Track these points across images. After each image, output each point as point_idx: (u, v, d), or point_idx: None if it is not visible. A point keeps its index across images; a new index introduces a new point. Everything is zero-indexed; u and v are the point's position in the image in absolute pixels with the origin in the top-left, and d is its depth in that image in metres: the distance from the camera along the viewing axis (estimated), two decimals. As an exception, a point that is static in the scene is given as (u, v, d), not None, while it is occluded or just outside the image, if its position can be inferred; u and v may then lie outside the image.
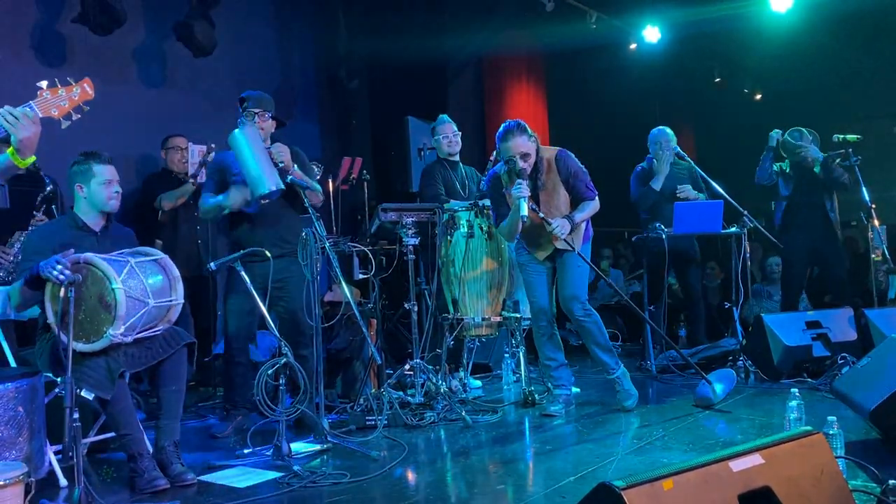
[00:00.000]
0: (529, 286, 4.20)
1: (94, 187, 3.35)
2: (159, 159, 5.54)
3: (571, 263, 4.10)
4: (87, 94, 2.84)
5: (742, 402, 4.35)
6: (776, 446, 1.73)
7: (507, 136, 3.98)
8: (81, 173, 3.37)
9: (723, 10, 7.46)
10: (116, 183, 3.40)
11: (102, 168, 3.37)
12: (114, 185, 3.39)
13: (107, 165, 3.39)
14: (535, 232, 4.11)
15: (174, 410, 3.26)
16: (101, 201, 3.37)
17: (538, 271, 4.18)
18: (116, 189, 3.39)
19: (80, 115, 2.85)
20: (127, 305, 3.01)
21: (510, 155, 3.96)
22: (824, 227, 5.56)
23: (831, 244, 5.58)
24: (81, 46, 5.36)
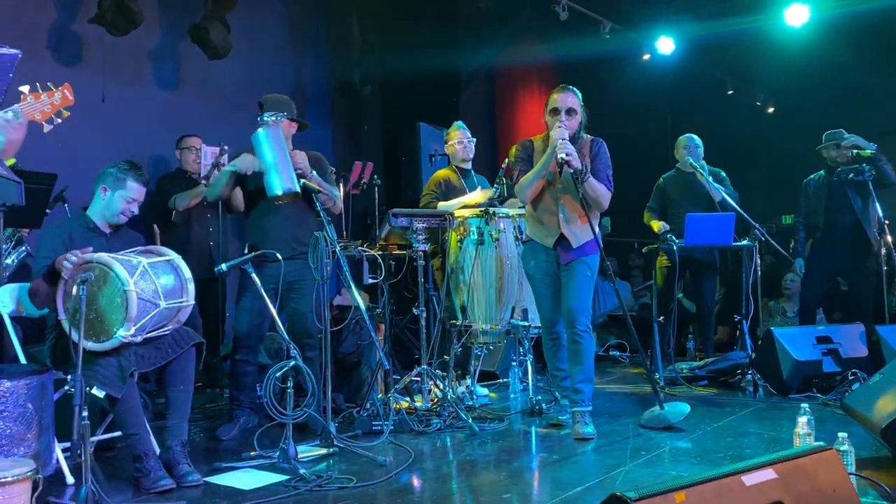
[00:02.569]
0: (537, 296, 4.13)
1: (116, 197, 3.40)
2: (173, 160, 5.57)
3: (579, 273, 3.97)
4: (67, 100, 2.91)
5: (750, 416, 4.33)
6: (789, 461, 1.71)
7: (560, 89, 4.02)
8: (114, 179, 3.40)
9: (737, 23, 7.46)
10: (137, 204, 3.46)
11: (135, 186, 3.43)
12: (133, 206, 3.44)
13: (141, 186, 3.45)
14: (544, 208, 4.02)
15: (182, 410, 3.26)
16: (113, 212, 3.41)
17: (545, 281, 4.08)
18: (134, 210, 3.45)
19: (61, 119, 2.91)
20: (138, 307, 3.02)
21: (556, 105, 3.95)
22: (853, 244, 5.52)
23: (859, 263, 5.55)
24: (97, 47, 5.40)
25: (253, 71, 6.38)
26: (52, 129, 3.02)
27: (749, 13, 7.36)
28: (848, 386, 4.50)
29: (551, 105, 3.98)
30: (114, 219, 3.42)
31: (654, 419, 4.02)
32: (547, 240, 3.99)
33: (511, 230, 4.55)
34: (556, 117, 3.91)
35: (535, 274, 4.10)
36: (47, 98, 2.84)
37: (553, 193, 3.97)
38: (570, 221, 3.93)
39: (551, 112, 3.96)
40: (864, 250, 5.51)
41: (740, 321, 5.41)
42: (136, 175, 3.42)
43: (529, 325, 4.52)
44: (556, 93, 4.01)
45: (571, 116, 3.93)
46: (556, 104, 3.95)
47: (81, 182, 4.74)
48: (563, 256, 3.96)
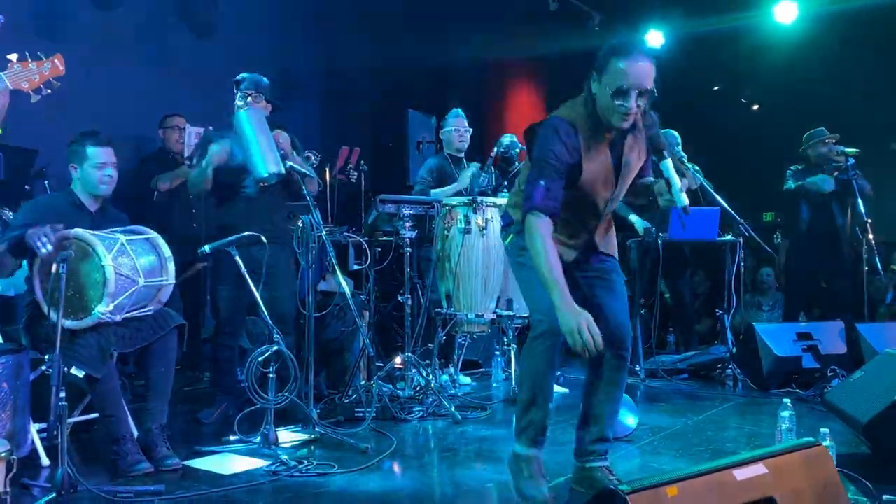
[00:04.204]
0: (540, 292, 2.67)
1: (86, 169, 3.30)
2: (156, 139, 5.48)
3: (619, 278, 2.89)
4: (57, 70, 2.81)
5: (731, 410, 4.36)
6: (780, 456, 1.72)
7: (634, 54, 2.44)
8: (75, 154, 3.32)
9: (727, 19, 7.47)
10: (111, 166, 3.32)
11: (96, 150, 3.30)
12: (106, 169, 3.30)
13: (101, 147, 3.31)
14: (577, 224, 2.75)
15: (162, 393, 3.22)
16: (92, 184, 3.31)
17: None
18: (109, 172, 3.31)
19: (51, 90, 2.81)
20: (116, 283, 2.97)
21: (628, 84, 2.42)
22: (835, 242, 5.56)
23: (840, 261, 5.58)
24: (82, 20, 5.28)
25: (240, 51, 6.28)
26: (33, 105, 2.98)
27: (739, 9, 7.38)
28: (827, 382, 4.54)
29: (617, 80, 2.43)
30: (97, 190, 3.32)
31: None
32: (566, 258, 2.73)
33: (498, 220, 4.53)
34: (625, 101, 2.44)
35: None
36: (36, 67, 2.75)
37: (597, 207, 2.70)
38: (604, 234, 2.86)
39: (617, 93, 2.43)
40: (846, 248, 5.56)
41: (721, 316, 5.45)
42: (92, 140, 3.31)
43: (514, 315, 4.50)
44: (621, 58, 2.43)
45: (644, 100, 2.47)
46: (629, 80, 2.42)
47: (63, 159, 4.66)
48: (594, 257, 2.84)
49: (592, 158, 2.58)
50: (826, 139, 5.57)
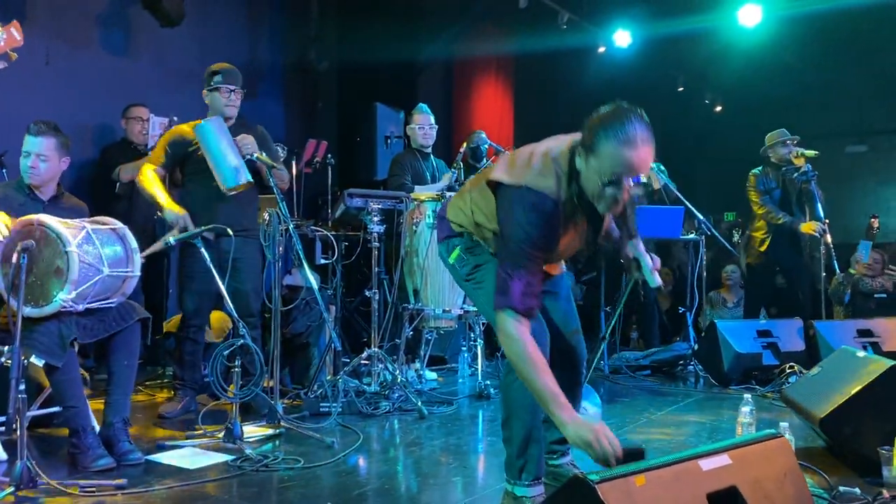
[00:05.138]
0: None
1: (21, 156, 3.25)
2: (118, 129, 5.38)
3: (566, 283, 2.83)
4: (14, 40, 2.66)
5: (693, 405, 4.43)
6: (743, 447, 1.76)
7: (638, 141, 2.16)
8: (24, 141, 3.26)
9: (693, 20, 7.58)
10: (35, 157, 3.24)
11: (27, 139, 3.25)
12: (30, 159, 3.24)
13: (34, 137, 3.24)
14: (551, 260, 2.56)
15: (125, 386, 3.16)
16: (22, 172, 3.27)
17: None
18: (29, 163, 3.24)
19: (8, 63, 2.66)
20: (80, 270, 2.91)
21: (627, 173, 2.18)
22: (790, 243, 5.67)
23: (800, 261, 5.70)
24: (43, 5, 5.16)
25: (206, 41, 6.20)
26: None
27: (704, 11, 7.49)
28: (785, 378, 4.65)
29: (613, 167, 2.16)
30: (25, 178, 3.27)
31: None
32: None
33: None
34: (619, 191, 2.18)
35: None
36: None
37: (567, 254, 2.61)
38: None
39: (612, 182, 2.17)
40: (805, 248, 5.69)
41: (685, 313, 5.54)
42: (31, 127, 3.24)
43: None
44: (622, 144, 2.15)
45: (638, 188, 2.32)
46: (629, 170, 2.17)
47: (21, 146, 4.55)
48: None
49: (570, 230, 2.34)
50: (787, 140, 5.69)
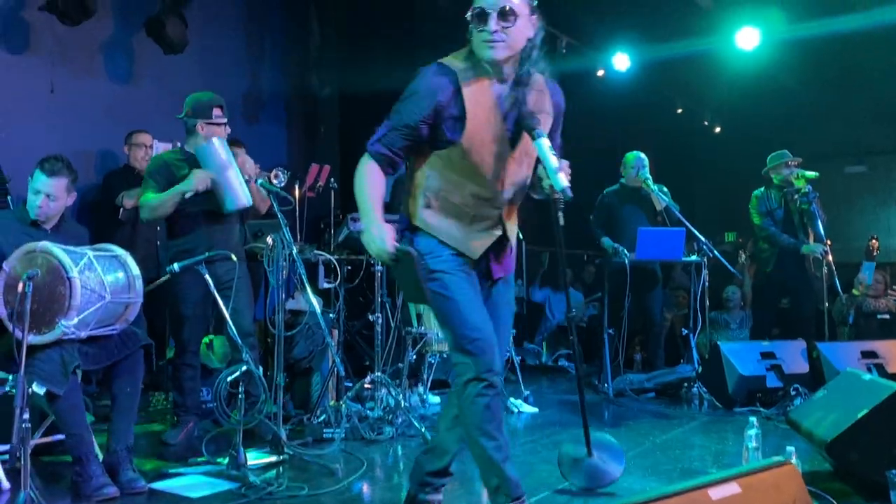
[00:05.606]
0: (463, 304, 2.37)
1: (29, 190, 3.27)
2: (121, 156, 5.41)
3: (508, 298, 2.60)
4: None
5: (697, 428, 4.41)
6: (752, 475, 1.75)
7: None
8: (33, 172, 3.26)
9: (691, 43, 7.63)
10: (46, 197, 3.23)
11: (40, 177, 3.23)
12: (38, 197, 3.23)
13: (47, 177, 3.22)
14: (479, 189, 2.39)
15: (129, 413, 3.16)
16: (28, 205, 3.28)
17: (469, 273, 2.43)
18: (38, 203, 3.23)
19: None
20: (82, 296, 2.92)
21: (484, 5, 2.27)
22: (795, 264, 5.67)
23: (803, 282, 5.70)
24: (48, 35, 5.21)
25: (209, 67, 6.25)
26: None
27: (702, 35, 7.54)
28: (790, 401, 4.63)
29: (476, 3, 2.29)
30: (30, 213, 3.26)
31: (584, 472, 3.08)
32: (475, 243, 2.43)
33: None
34: (483, 24, 2.26)
35: (457, 271, 2.41)
36: None
37: (500, 170, 2.39)
38: (511, 216, 2.52)
39: (475, 14, 2.28)
40: (808, 269, 5.68)
41: (688, 335, 5.53)
42: (43, 166, 3.22)
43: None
44: None
45: (508, 21, 2.25)
46: (484, 1, 2.27)
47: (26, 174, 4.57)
48: (497, 268, 2.51)
49: (477, 105, 2.31)
50: (789, 162, 5.71)
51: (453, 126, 2.32)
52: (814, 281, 5.68)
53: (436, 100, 2.30)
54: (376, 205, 2.32)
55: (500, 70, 2.33)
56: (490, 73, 2.34)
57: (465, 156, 2.34)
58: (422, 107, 2.32)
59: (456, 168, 2.36)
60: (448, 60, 2.38)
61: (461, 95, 2.31)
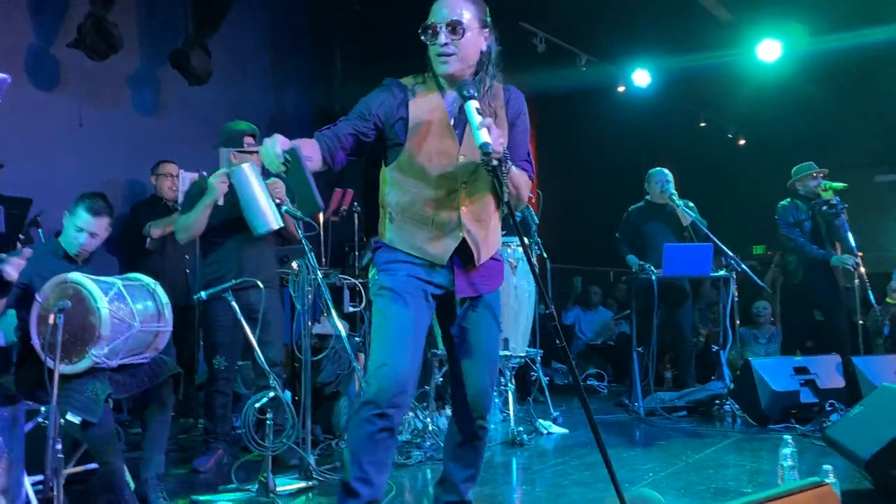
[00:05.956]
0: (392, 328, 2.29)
1: (69, 226, 3.31)
2: (149, 186, 5.50)
3: (486, 323, 2.42)
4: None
5: (731, 447, 4.33)
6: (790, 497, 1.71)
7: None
8: (71, 207, 3.33)
9: (711, 56, 7.61)
10: (90, 236, 3.29)
11: (84, 216, 3.27)
12: (82, 235, 3.28)
13: (89, 214, 3.27)
14: (430, 193, 2.33)
15: (159, 442, 3.18)
16: (67, 242, 3.32)
17: (413, 316, 2.31)
18: (82, 240, 3.28)
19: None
20: (112, 326, 2.96)
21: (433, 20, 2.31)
22: (824, 276, 5.58)
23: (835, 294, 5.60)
24: (76, 71, 5.33)
25: (233, 97, 6.35)
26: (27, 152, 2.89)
27: (723, 48, 7.51)
28: (826, 417, 4.53)
29: (428, 19, 2.32)
30: (70, 248, 3.31)
31: None
32: (435, 247, 2.34)
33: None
34: (433, 37, 2.30)
35: (402, 292, 2.31)
36: None
37: (449, 167, 2.32)
38: (478, 220, 2.37)
39: (425, 28, 2.32)
40: (838, 281, 5.58)
41: (718, 351, 5.45)
42: (87, 203, 3.27)
43: (510, 355, 4.49)
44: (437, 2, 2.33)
45: (457, 34, 2.27)
46: (434, 17, 2.30)
47: (56, 207, 4.64)
48: (464, 285, 2.38)
49: (422, 106, 2.35)
50: (815, 174, 5.64)
51: (402, 128, 2.35)
52: (845, 293, 5.57)
53: (384, 99, 2.36)
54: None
55: (454, 83, 2.35)
56: (445, 87, 2.38)
57: (413, 157, 2.33)
58: (370, 104, 2.37)
59: (408, 173, 2.35)
60: (402, 79, 2.45)
61: (408, 102, 2.36)
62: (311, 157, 2.22)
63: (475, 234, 2.35)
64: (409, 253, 2.35)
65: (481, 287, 2.41)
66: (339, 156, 2.31)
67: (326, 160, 2.28)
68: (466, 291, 2.38)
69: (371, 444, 2.21)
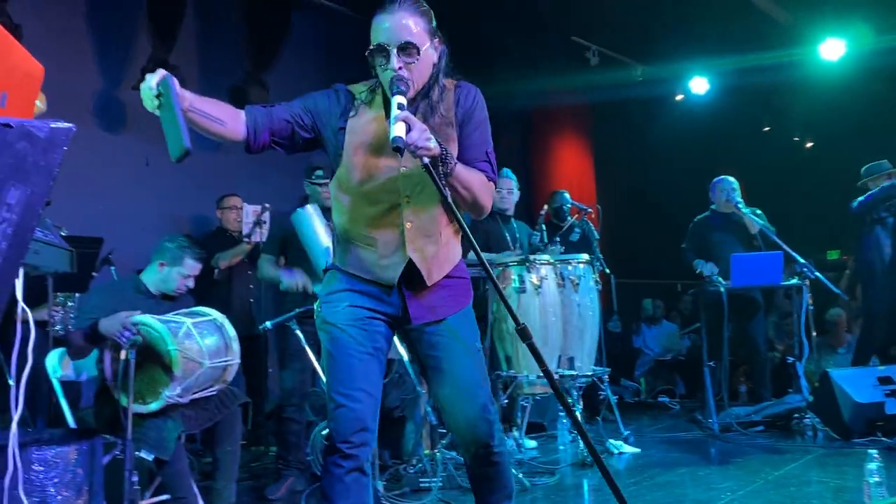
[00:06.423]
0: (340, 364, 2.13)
1: (173, 274, 3.45)
2: (214, 219, 5.65)
3: (459, 345, 2.20)
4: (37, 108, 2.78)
5: (813, 462, 4.15)
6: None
7: (379, 11, 2.14)
8: (170, 254, 3.46)
9: (771, 58, 7.42)
10: (193, 279, 3.50)
11: (192, 264, 3.48)
12: (189, 281, 3.48)
13: (197, 264, 3.50)
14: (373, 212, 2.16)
15: (230, 472, 3.24)
16: (169, 287, 3.47)
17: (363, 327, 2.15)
18: (189, 284, 3.50)
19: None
20: (183, 366, 3.03)
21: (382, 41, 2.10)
22: None
23: None
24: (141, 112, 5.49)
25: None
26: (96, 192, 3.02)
27: (784, 49, 7.31)
28: (915, 429, 4.30)
29: (373, 38, 2.13)
30: (171, 292, 3.48)
31: None
32: (381, 273, 2.16)
33: (553, 277, 4.50)
34: (385, 61, 2.10)
35: (344, 326, 2.15)
36: None
37: (391, 181, 2.14)
38: (427, 235, 2.17)
39: (374, 51, 2.12)
40: None
41: (794, 363, 5.25)
42: (193, 253, 3.49)
43: (577, 375, 4.42)
44: (378, 16, 2.13)
45: (411, 56, 2.09)
46: (380, 36, 2.10)
47: (126, 245, 4.83)
48: (420, 310, 2.18)
49: (362, 116, 2.16)
50: (888, 173, 5.41)
51: (342, 139, 2.16)
52: None
53: (330, 105, 2.20)
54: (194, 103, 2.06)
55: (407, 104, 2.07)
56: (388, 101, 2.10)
57: (351, 172, 2.14)
58: (316, 103, 2.21)
59: (347, 190, 2.16)
60: (352, 86, 2.26)
61: (350, 112, 2.18)
62: (224, 121, 2.08)
63: (424, 250, 2.14)
64: (357, 276, 2.17)
65: (442, 310, 2.18)
66: (264, 136, 2.14)
67: (249, 134, 2.12)
68: (425, 316, 2.16)
69: (343, 488, 2.07)
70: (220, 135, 2.09)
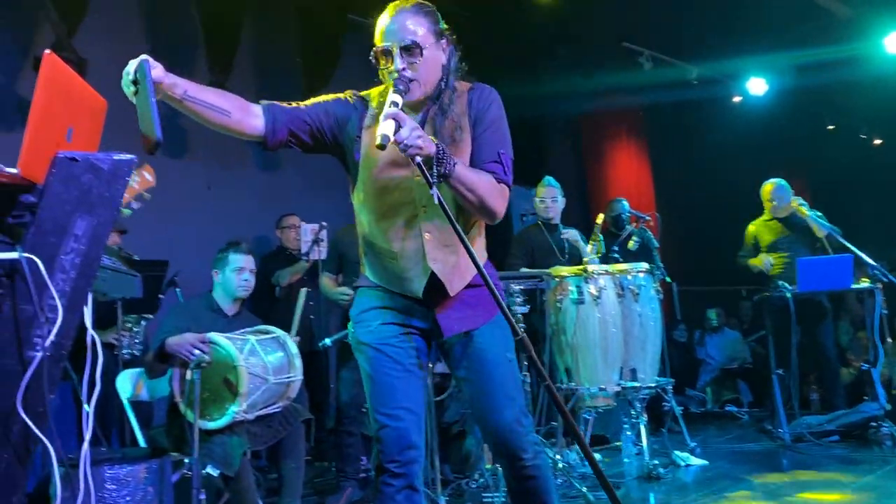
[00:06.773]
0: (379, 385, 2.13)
1: (227, 274, 3.53)
2: (274, 238, 5.77)
3: (495, 351, 2.16)
4: (146, 182, 2.87)
5: (893, 473, 3.97)
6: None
7: (391, 8, 2.12)
8: (218, 261, 3.57)
9: (832, 53, 7.20)
10: (248, 272, 3.56)
11: (237, 256, 3.55)
12: (244, 273, 3.54)
13: (242, 255, 3.57)
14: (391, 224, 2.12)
15: (294, 488, 3.28)
16: (231, 288, 3.54)
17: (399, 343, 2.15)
18: (245, 277, 3.55)
19: (142, 203, 2.81)
20: (249, 383, 3.09)
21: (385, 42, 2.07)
22: None
23: None
24: (201, 138, 5.71)
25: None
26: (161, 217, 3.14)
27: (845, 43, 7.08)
28: None
29: (377, 40, 2.10)
30: (235, 292, 3.55)
31: None
32: (408, 285, 2.14)
33: (612, 287, 4.43)
34: (387, 64, 2.08)
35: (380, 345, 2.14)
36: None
37: (407, 190, 2.10)
38: (446, 245, 2.11)
39: (378, 53, 2.10)
40: None
41: (869, 369, 5.04)
42: (233, 248, 3.58)
43: (640, 386, 4.33)
44: (382, 16, 2.12)
45: (414, 56, 2.05)
46: (383, 38, 2.08)
47: (191, 266, 4.96)
48: (448, 323, 2.14)
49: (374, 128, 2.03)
50: None
51: (358, 149, 2.12)
52: None
53: (349, 112, 2.14)
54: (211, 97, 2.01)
55: (417, 108, 2.12)
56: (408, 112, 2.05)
57: (369, 183, 2.11)
58: (337, 109, 2.15)
59: (366, 202, 2.13)
60: (364, 92, 2.21)
61: (365, 116, 2.14)
62: (228, 111, 2.00)
63: (445, 260, 2.10)
64: (387, 290, 2.16)
65: (467, 322, 2.14)
66: (282, 133, 2.08)
67: (268, 130, 2.06)
68: (454, 328, 2.14)
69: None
70: (225, 126, 2.02)
